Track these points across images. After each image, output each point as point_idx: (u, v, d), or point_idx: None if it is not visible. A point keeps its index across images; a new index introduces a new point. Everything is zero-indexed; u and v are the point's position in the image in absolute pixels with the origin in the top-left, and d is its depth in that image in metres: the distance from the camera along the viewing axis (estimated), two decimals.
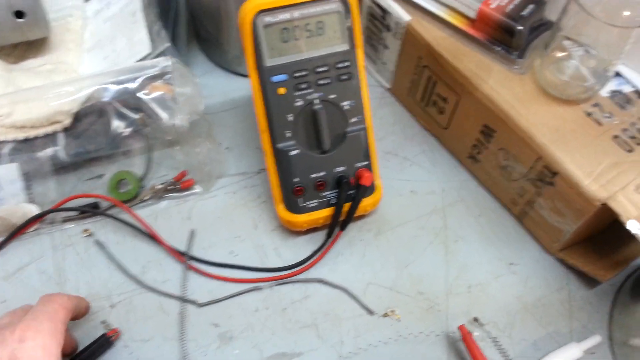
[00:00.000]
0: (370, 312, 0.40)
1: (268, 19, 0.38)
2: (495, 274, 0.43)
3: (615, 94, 0.42)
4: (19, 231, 0.41)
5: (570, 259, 0.42)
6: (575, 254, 0.43)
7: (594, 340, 0.39)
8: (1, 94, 0.44)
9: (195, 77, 0.45)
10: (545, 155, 0.39)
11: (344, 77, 0.40)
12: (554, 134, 0.39)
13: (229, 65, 0.54)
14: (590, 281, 0.42)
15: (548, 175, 0.40)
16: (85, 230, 0.42)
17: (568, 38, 0.40)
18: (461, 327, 0.38)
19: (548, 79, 0.41)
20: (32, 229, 0.42)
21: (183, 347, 0.38)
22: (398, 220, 0.45)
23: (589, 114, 0.41)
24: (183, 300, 0.40)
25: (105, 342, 0.37)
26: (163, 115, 0.44)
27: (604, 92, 0.42)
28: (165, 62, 0.44)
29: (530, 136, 0.39)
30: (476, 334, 0.38)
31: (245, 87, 0.53)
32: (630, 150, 0.39)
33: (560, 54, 0.41)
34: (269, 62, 0.39)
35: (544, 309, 0.41)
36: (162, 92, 0.44)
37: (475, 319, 0.40)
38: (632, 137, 0.40)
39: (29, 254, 0.41)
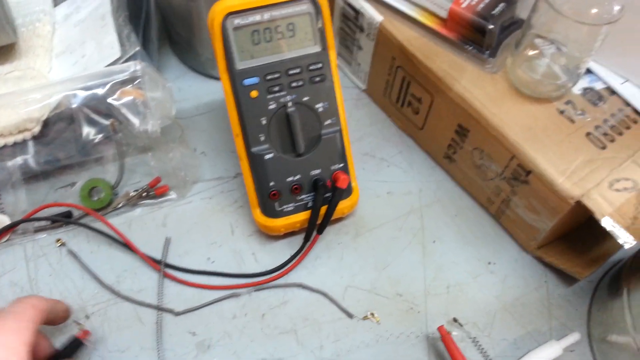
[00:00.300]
0: (350, 315, 0.41)
1: (238, 21, 0.38)
2: (474, 273, 0.43)
3: (587, 91, 0.43)
4: None
5: (547, 257, 0.43)
6: (553, 251, 0.44)
7: (573, 337, 0.40)
8: None
9: (166, 81, 0.45)
10: (518, 154, 0.40)
11: (317, 78, 0.40)
12: (527, 132, 0.40)
13: (202, 68, 0.54)
14: (568, 279, 0.43)
15: (522, 173, 0.40)
16: (58, 240, 0.42)
17: (539, 36, 0.41)
18: (440, 328, 0.38)
19: (520, 78, 0.42)
20: (3, 240, 0.41)
21: (160, 357, 0.37)
22: (376, 221, 0.45)
23: (561, 112, 0.41)
24: (159, 309, 0.39)
25: (76, 344, 0.36)
26: (134, 120, 0.44)
27: (576, 89, 0.42)
28: (134, 66, 0.44)
29: (503, 135, 0.40)
30: (455, 333, 0.39)
31: (219, 90, 0.53)
32: (603, 147, 0.40)
33: (531, 52, 0.42)
34: (240, 65, 0.39)
35: (523, 308, 0.42)
36: (132, 97, 0.44)
37: (455, 320, 0.40)
38: (605, 134, 0.40)
39: (1, 265, 0.41)
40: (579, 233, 0.44)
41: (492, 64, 0.42)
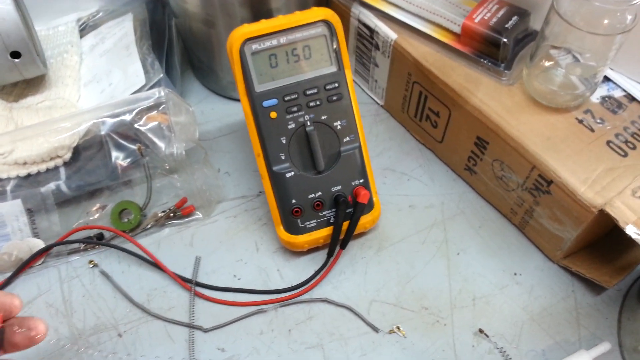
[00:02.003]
0: (376, 329, 0.43)
1: (255, 46, 0.41)
2: (500, 285, 0.45)
3: (605, 99, 0.45)
4: (25, 265, 0.44)
5: (574, 266, 0.45)
6: (579, 261, 0.45)
7: (604, 347, 0.41)
8: (2, 132, 0.48)
9: (189, 106, 0.49)
10: (539, 164, 0.42)
11: (334, 97, 0.43)
12: (546, 142, 0.42)
13: (223, 91, 0.58)
14: (596, 288, 0.45)
15: (543, 184, 0.42)
16: (91, 261, 0.46)
17: (554, 47, 0.43)
18: None
19: (537, 89, 0.44)
20: (38, 262, 0.45)
21: None
22: (398, 235, 0.48)
23: (580, 121, 0.44)
24: (190, 326, 0.42)
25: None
26: (160, 144, 0.48)
27: (595, 97, 0.45)
28: (159, 92, 0.48)
29: (522, 146, 0.42)
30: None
31: (241, 111, 0.56)
32: (624, 155, 0.42)
33: (547, 63, 0.44)
34: (259, 87, 0.42)
35: (551, 318, 0.43)
36: (157, 122, 0.48)
37: (481, 331, 0.42)
38: (626, 142, 0.42)
39: (37, 287, 0.45)
40: (605, 241, 0.46)
41: (507, 76, 0.45)
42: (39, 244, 0.46)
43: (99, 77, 0.53)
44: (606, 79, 0.46)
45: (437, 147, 0.52)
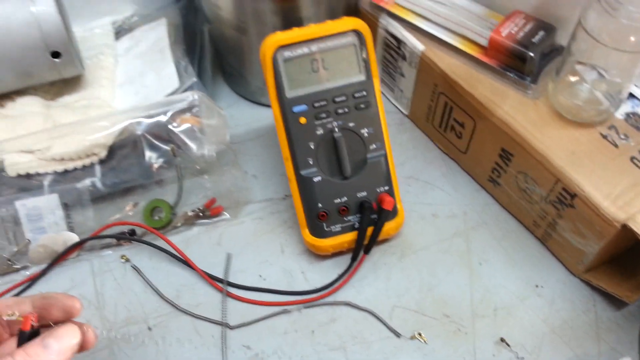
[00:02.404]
0: (397, 334, 0.44)
1: (287, 53, 0.43)
2: (521, 296, 0.46)
3: (630, 115, 0.46)
4: (60, 258, 0.47)
5: (595, 281, 0.46)
6: (601, 275, 0.46)
7: None
8: (41, 129, 0.50)
9: (221, 109, 0.51)
10: (563, 178, 0.43)
11: (362, 105, 0.45)
12: (571, 156, 0.43)
13: (252, 96, 0.60)
14: (617, 302, 0.45)
15: (567, 197, 0.43)
16: (123, 256, 0.48)
17: (580, 62, 0.45)
18: None
19: (562, 103, 0.46)
20: (72, 256, 0.48)
21: None
22: (421, 243, 0.49)
23: (604, 136, 0.45)
24: (218, 323, 0.44)
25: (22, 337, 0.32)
26: (192, 146, 0.50)
27: (619, 114, 0.46)
28: (192, 96, 0.50)
29: (547, 159, 0.43)
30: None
31: (269, 116, 0.58)
32: None
33: (573, 79, 0.46)
34: (290, 93, 0.44)
35: (572, 331, 0.44)
36: (190, 124, 0.50)
37: (502, 340, 0.43)
38: None
39: (70, 279, 0.47)
40: (627, 256, 0.47)
41: (533, 90, 0.46)
42: (74, 238, 0.48)
43: (133, 79, 0.56)
44: (631, 95, 0.47)
45: (461, 158, 0.53)
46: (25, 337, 0.31)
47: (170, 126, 0.49)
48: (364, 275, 0.47)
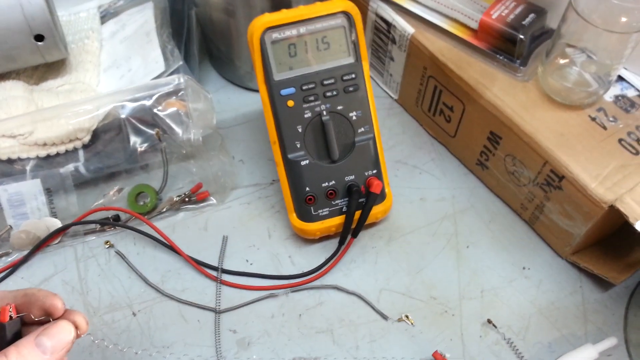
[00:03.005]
0: (385, 317, 0.44)
1: (275, 35, 0.42)
2: (508, 278, 0.46)
3: (619, 98, 0.45)
4: (43, 244, 0.46)
5: (582, 262, 0.46)
6: (587, 257, 0.46)
7: (610, 342, 0.42)
8: (23, 113, 0.49)
9: (208, 93, 0.50)
10: (551, 160, 0.43)
11: (351, 88, 0.44)
12: (559, 138, 0.43)
13: (240, 81, 0.59)
14: (603, 284, 0.45)
15: (555, 179, 0.43)
16: (107, 242, 0.47)
17: (569, 45, 0.44)
18: (435, 354, 0.40)
19: (551, 86, 0.45)
20: (55, 241, 0.47)
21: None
22: (409, 227, 0.49)
23: (593, 119, 0.44)
24: (202, 307, 0.44)
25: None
26: (178, 130, 0.49)
27: (608, 96, 0.45)
28: (178, 79, 0.49)
29: (535, 141, 0.43)
30: (448, 356, 0.41)
31: (257, 101, 0.57)
32: (636, 153, 0.43)
33: (562, 61, 0.45)
34: (278, 76, 0.43)
35: (558, 312, 0.44)
36: (176, 108, 0.49)
37: (489, 321, 0.43)
38: (638, 140, 0.43)
39: (53, 265, 0.46)
40: (614, 238, 0.47)
41: (523, 72, 0.46)
42: (57, 224, 0.47)
43: (119, 63, 0.55)
44: (620, 78, 0.47)
45: (450, 142, 0.53)
46: (4, 328, 0.30)
47: (155, 110, 0.48)
48: (352, 259, 0.47)
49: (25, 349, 0.28)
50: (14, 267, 0.46)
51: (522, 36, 0.45)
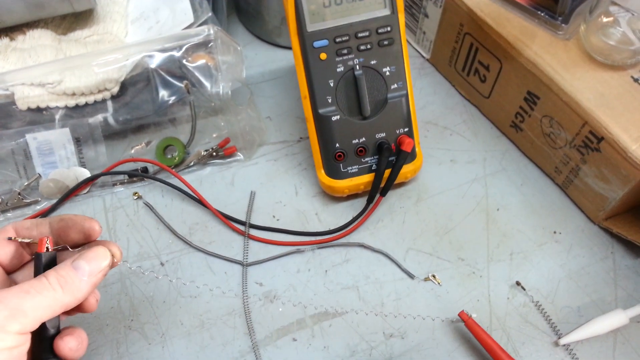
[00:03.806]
0: (411, 276, 0.44)
1: None
2: (538, 242, 0.45)
3: None
4: (71, 193, 0.46)
5: (615, 228, 0.45)
6: (621, 222, 0.45)
7: None
8: (51, 61, 0.49)
9: (238, 45, 0.49)
10: (590, 121, 0.41)
11: (385, 42, 0.43)
12: (600, 99, 0.42)
13: (268, 36, 0.58)
14: (635, 250, 0.45)
15: (594, 141, 0.42)
16: (135, 193, 0.47)
17: (614, 3, 0.43)
18: (461, 314, 0.40)
19: (594, 44, 0.44)
20: (84, 191, 0.47)
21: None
22: (438, 188, 0.48)
23: (636, 79, 0.43)
24: (229, 260, 0.44)
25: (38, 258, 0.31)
26: (206, 83, 0.48)
27: None
28: (208, 30, 0.48)
29: (575, 101, 0.42)
30: (474, 316, 0.40)
31: (285, 58, 0.57)
32: None
33: (606, 19, 0.43)
34: (311, 27, 0.42)
35: (588, 277, 0.44)
36: (204, 61, 0.48)
37: (518, 283, 0.43)
38: None
39: (82, 214, 0.46)
40: None
41: (564, 30, 0.44)
42: (85, 173, 0.47)
43: (147, 15, 0.54)
44: None
45: (483, 103, 0.52)
46: (40, 258, 0.31)
47: (184, 61, 0.48)
48: (379, 218, 0.47)
49: (63, 270, 0.29)
50: (42, 215, 0.46)
51: None
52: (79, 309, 0.32)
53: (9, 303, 0.26)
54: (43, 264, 0.30)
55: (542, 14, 0.45)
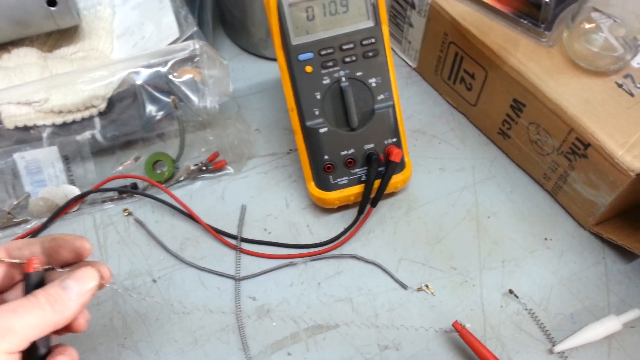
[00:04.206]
0: (404, 286, 0.44)
1: None
2: (530, 249, 0.46)
3: None
4: (61, 211, 0.46)
5: (605, 233, 0.45)
6: (611, 228, 0.46)
7: (634, 313, 0.42)
8: (37, 79, 0.49)
9: (224, 59, 0.50)
10: (576, 127, 0.42)
11: (370, 53, 0.44)
12: (585, 105, 0.42)
13: (254, 48, 0.58)
14: (627, 255, 0.45)
15: (580, 147, 0.43)
16: (125, 210, 0.47)
17: (596, 9, 0.43)
18: (455, 324, 0.40)
19: (577, 51, 0.44)
20: (74, 209, 0.47)
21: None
22: (428, 197, 0.48)
23: (620, 85, 0.44)
24: (222, 275, 0.44)
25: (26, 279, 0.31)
26: (193, 97, 0.48)
27: (635, 62, 0.44)
28: (194, 45, 0.49)
29: (561, 108, 0.42)
30: (468, 325, 0.40)
31: (272, 70, 0.57)
32: None
33: (588, 26, 0.44)
34: (295, 40, 0.43)
35: (580, 283, 0.44)
36: (191, 75, 0.49)
37: (511, 291, 0.43)
38: None
39: (72, 233, 0.46)
40: (637, 209, 0.46)
41: (547, 37, 0.45)
42: (75, 191, 0.47)
43: (132, 30, 0.54)
44: None
45: (470, 111, 0.52)
46: (29, 278, 0.31)
47: (170, 76, 0.48)
48: (371, 229, 0.47)
49: (53, 289, 0.29)
50: (33, 234, 0.46)
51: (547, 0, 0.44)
52: (68, 328, 0.32)
53: None
54: (33, 284, 0.30)
55: (525, 22, 0.45)
